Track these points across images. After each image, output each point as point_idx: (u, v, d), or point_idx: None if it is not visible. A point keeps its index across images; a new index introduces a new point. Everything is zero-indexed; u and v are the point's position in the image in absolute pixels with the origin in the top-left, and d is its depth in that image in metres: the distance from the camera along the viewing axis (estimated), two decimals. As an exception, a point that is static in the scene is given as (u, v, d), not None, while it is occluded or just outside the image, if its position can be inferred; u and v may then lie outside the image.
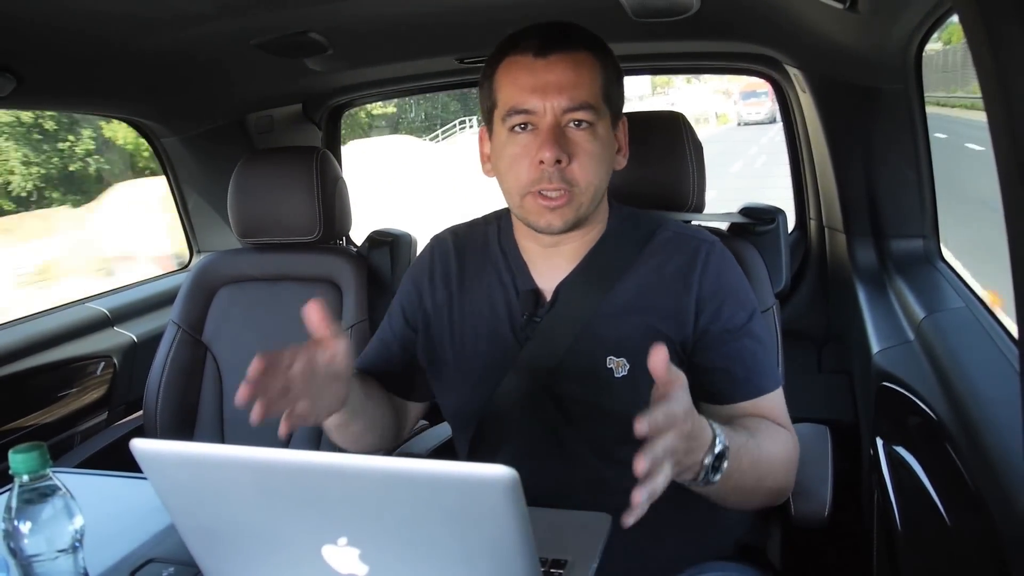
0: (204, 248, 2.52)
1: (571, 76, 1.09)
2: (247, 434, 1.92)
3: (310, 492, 0.71)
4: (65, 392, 2.01)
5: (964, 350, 1.30)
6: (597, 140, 1.11)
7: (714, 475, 0.93)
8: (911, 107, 1.70)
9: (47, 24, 1.40)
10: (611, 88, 1.14)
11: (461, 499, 0.65)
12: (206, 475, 0.76)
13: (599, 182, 1.13)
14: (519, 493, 0.63)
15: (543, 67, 1.09)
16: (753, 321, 1.16)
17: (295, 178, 1.89)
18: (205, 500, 0.78)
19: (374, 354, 1.32)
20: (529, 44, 1.10)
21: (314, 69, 1.99)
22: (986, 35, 0.70)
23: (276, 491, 0.73)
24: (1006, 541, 0.87)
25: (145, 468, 0.77)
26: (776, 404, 1.16)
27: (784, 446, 1.11)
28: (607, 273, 1.18)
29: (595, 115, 1.10)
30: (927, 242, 1.88)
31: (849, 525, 1.56)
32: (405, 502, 0.67)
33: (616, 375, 1.14)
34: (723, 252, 1.19)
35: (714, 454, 0.92)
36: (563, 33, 1.12)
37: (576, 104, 1.09)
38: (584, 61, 1.11)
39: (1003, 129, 0.70)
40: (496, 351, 1.20)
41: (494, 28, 1.18)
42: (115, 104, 2.15)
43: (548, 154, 1.07)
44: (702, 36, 2.03)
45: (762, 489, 1.08)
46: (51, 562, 0.89)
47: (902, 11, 1.33)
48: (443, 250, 1.30)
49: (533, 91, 1.09)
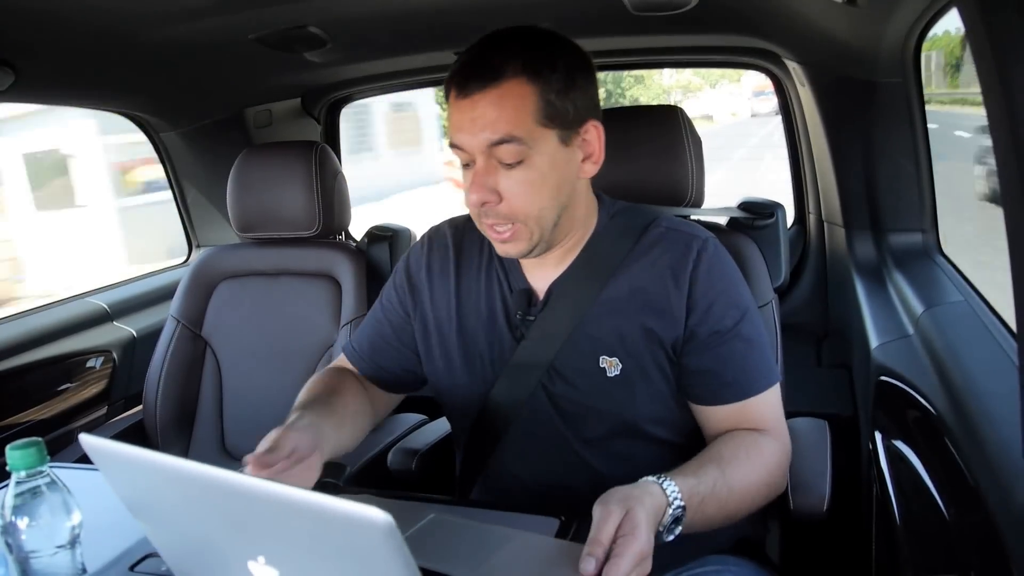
0: (203, 243, 2.52)
1: (492, 112, 1.04)
2: (246, 428, 1.93)
3: (233, 509, 0.72)
4: (65, 387, 2.02)
5: (963, 344, 1.30)
6: (534, 170, 1.06)
7: (668, 536, 0.94)
8: (910, 101, 1.70)
9: (45, 18, 1.39)
10: (554, 105, 1.06)
11: (345, 536, 0.65)
12: (148, 478, 0.78)
13: (545, 208, 1.09)
14: (394, 538, 0.61)
15: (467, 106, 1.05)
16: (744, 322, 1.14)
17: (294, 172, 1.89)
18: (148, 499, 0.81)
19: (366, 344, 1.33)
20: (455, 82, 1.07)
21: (313, 60, 1.99)
22: (985, 28, 0.70)
23: (206, 503, 0.74)
24: (1005, 535, 0.87)
25: (96, 462, 0.79)
26: (765, 405, 1.15)
27: (767, 460, 1.10)
28: (599, 271, 1.17)
29: (524, 147, 1.05)
30: (926, 236, 1.87)
31: (848, 519, 1.57)
32: (304, 531, 0.68)
33: (609, 375, 1.14)
34: (716, 248, 1.17)
35: (671, 516, 0.93)
36: (485, 65, 1.06)
37: (499, 137, 1.04)
38: (510, 91, 1.04)
39: (1003, 122, 0.70)
40: (493, 347, 1.20)
41: (492, 22, 1.18)
42: (113, 98, 2.15)
43: (473, 196, 1.07)
44: (701, 30, 2.03)
45: (738, 515, 1.07)
46: (49, 558, 0.89)
47: (901, 4, 1.32)
48: (441, 243, 1.30)
49: (460, 128, 1.07)
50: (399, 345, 1.30)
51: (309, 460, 1.02)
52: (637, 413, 1.15)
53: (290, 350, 1.92)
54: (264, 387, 1.92)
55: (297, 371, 1.91)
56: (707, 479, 1.00)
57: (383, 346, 1.31)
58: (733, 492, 1.02)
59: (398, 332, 1.30)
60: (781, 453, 1.14)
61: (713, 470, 1.02)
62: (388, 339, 1.31)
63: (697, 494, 0.97)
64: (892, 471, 1.28)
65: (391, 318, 1.31)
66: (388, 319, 1.31)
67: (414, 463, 1.57)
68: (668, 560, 1.14)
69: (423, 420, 1.81)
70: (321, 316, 1.92)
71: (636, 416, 1.15)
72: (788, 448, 1.16)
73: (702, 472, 1.00)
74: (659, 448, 1.17)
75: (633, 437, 1.16)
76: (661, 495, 0.93)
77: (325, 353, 1.90)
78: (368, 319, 1.36)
